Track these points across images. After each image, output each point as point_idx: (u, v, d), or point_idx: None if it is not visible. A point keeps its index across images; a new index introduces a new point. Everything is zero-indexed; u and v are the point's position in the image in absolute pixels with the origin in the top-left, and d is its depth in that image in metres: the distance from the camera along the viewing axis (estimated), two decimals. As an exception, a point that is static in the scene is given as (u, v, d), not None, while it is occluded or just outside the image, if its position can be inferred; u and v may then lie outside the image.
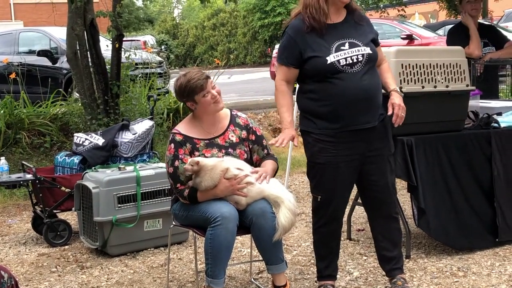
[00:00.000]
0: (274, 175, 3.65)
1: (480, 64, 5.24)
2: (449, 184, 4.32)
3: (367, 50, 3.43)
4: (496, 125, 4.55)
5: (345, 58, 3.38)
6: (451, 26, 6.41)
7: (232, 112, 3.76)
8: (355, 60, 3.39)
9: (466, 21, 5.53)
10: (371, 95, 3.43)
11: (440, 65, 4.18)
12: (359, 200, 4.00)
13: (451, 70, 4.23)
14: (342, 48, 3.40)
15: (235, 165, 3.47)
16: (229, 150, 3.60)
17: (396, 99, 3.49)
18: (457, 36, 5.55)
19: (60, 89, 8.84)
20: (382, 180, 3.56)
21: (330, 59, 3.38)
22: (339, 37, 3.44)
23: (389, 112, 3.45)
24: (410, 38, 13.26)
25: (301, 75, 3.53)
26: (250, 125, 3.72)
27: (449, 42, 5.64)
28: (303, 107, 3.58)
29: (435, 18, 25.85)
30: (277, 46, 17.87)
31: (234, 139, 3.64)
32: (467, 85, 4.31)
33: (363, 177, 3.58)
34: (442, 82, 4.19)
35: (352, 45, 3.42)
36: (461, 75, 4.26)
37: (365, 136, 3.45)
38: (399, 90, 3.58)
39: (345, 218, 3.98)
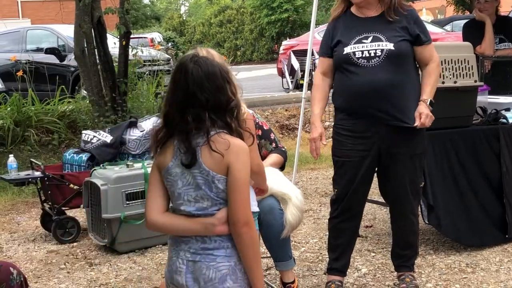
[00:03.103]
0: (282, 168, 3.65)
1: (489, 61, 5.20)
2: (457, 181, 4.30)
3: (389, 46, 3.35)
4: (504, 121, 4.53)
5: (362, 51, 3.37)
6: (458, 21, 6.38)
7: None
8: (372, 54, 3.35)
9: (482, 18, 5.47)
10: (385, 91, 3.33)
11: (448, 61, 4.16)
12: (368, 197, 3.98)
13: (459, 66, 4.21)
14: (363, 41, 3.39)
15: None
16: (237, 147, 3.59)
17: (423, 109, 3.35)
18: (473, 30, 5.50)
19: (63, 86, 8.84)
20: (397, 179, 3.49)
21: (347, 49, 3.40)
22: (366, 30, 3.42)
23: (416, 123, 3.33)
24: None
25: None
26: (257, 120, 3.70)
27: (464, 36, 5.61)
28: (332, 99, 3.64)
29: (443, 14, 25.78)
30: (284, 42, 17.86)
31: (240, 134, 3.63)
32: (475, 81, 4.29)
33: (380, 173, 3.57)
34: (450, 78, 4.18)
35: (374, 39, 3.39)
36: (469, 70, 4.24)
37: (383, 132, 3.39)
38: (428, 102, 3.39)
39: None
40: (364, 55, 3.36)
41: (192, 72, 2.06)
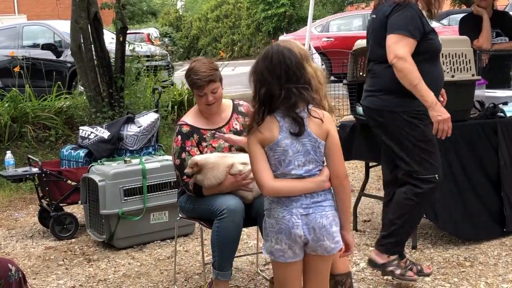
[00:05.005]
0: None
1: (486, 55, 5.20)
2: (455, 175, 4.30)
3: None
4: (502, 114, 4.53)
5: None
6: (455, 15, 6.37)
7: (234, 102, 3.77)
8: None
9: (479, 13, 5.47)
10: None
11: (446, 55, 4.15)
12: (366, 191, 3.99)
13: (456, 60, 4.20)
14: None
15: (240, 160, 3.44)
16: (234, 139, 3.59)
17: None
18: (469, 25, 5.51)
19: (59, 82, 8.82)
20: None
21: (440, 40, 3.56)
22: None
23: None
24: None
25: None
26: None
27: (461, 30, 5.60)
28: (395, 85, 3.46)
29: (440, 8, 25.67)
30: (281, 37, 17.80)
31: (238, 127, 3.64)
32: (473, 75, 4.29)
33: None
34: (447, 72, 4.17)
35: None
36: (466, 64, 4.24)
37: None
38: None
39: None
40: None
41: (289, 56, 2.53)
